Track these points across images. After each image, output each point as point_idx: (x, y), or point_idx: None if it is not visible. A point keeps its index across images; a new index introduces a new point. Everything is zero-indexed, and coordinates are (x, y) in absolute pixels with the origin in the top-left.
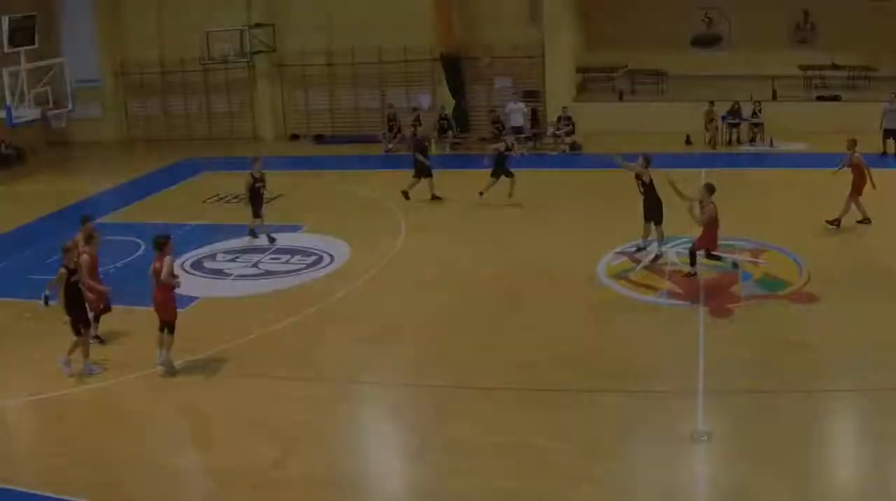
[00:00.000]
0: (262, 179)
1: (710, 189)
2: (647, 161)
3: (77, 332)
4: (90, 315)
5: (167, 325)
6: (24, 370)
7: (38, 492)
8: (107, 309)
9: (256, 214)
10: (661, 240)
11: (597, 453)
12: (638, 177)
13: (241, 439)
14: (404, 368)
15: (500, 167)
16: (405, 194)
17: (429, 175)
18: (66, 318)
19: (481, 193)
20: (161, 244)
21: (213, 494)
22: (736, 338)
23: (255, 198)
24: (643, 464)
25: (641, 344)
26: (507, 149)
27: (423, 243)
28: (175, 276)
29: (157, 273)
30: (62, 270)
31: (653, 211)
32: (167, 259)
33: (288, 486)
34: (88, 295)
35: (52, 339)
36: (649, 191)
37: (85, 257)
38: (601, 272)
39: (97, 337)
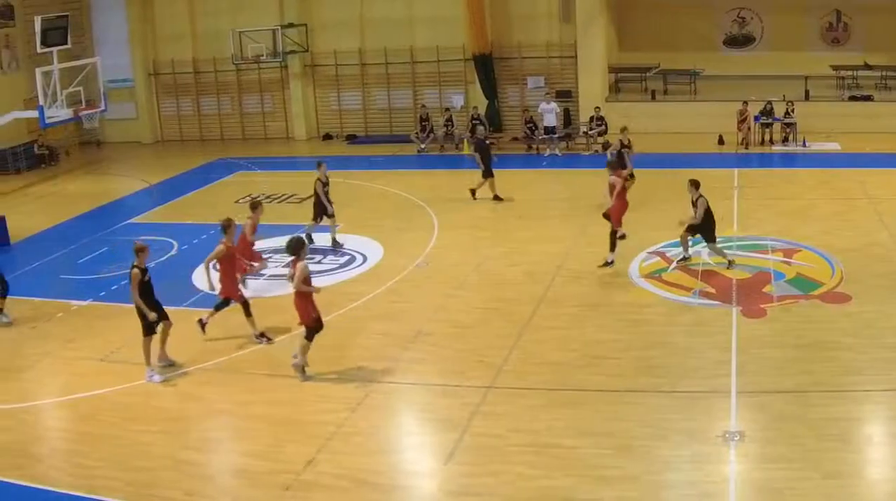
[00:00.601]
0: (328, 183)
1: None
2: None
3: (150, 332)
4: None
5: (306, 329)
6: (57, 369)
7: (72, 492)
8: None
9: (328, 214)
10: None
11: (629, 452)
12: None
13: (273, 439)
14: (436, 368)
15: None
16: (472, 192)
17: (489, 175)
18: (153, 315)
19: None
20: (296, 249)
21: (246, 494)
22: (769, 339)
23: (320, 201)
24: (675, 464)
25: (674, 344)
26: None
27: (455, 243)
28: (309, 284)
29: (292, 278)
30: (135, 270)
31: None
32: (300, 264)
33: (320, 486)
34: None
35: (85, 339)
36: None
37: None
38: (634, 272)
39: (263, 334)
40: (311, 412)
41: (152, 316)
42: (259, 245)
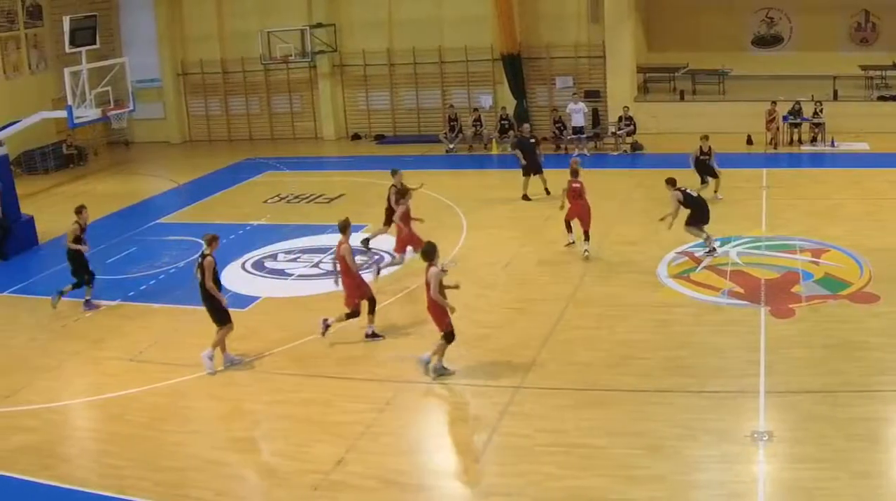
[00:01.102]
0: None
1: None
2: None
3: (224, 321)
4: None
5: (444, 335)
6: (85, 369)
7: (101, 492)
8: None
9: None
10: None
11: (658, 452)
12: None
13: (302, 439)
14: (465, 368)
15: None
16: (525, 197)
17: (528, 173)
18: (225, 299)
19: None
20: (429, 254)
21: (275, 494)
22: (797, 339)
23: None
24: (704, 464)
25: (702, 344)
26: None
27: (483, 242)
28: (443, 292)
29: (429, 285)
30: (210, 259)
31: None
32: (432, 271)
33: (349, 486)
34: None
35: (113, 339)
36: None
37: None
38: (662, 272)
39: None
40: (339, 412)
41: (225, 300)
42: (287, 245)
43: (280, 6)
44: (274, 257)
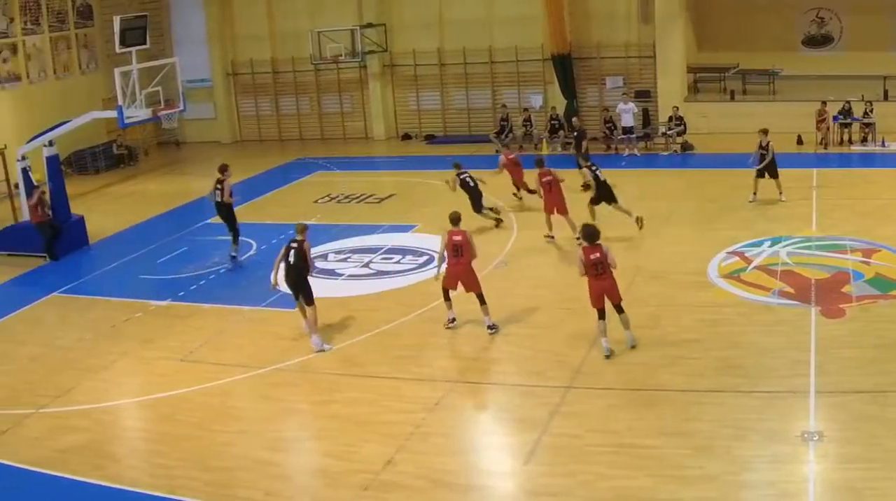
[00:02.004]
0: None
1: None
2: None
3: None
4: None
5: (618, 307)
6: (135, 369)
7: (151, 492)
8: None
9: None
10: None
11: (708, 452)
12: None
13: (351, 439)
14: (515, 368)
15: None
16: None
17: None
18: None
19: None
20: (594, 236)
21: (324, 494)
22: (847, 339)
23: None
24: (755, 464)
25: (753, 344)
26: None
27: (534, 243)
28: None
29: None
30: (308, 243)
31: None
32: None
33: (399, 486)
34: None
35: (163, 339)
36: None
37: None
38: (713, 272)
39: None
40: (388, 412)
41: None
42: (336, 245)
43: (330, 6)
44: (324, 257)
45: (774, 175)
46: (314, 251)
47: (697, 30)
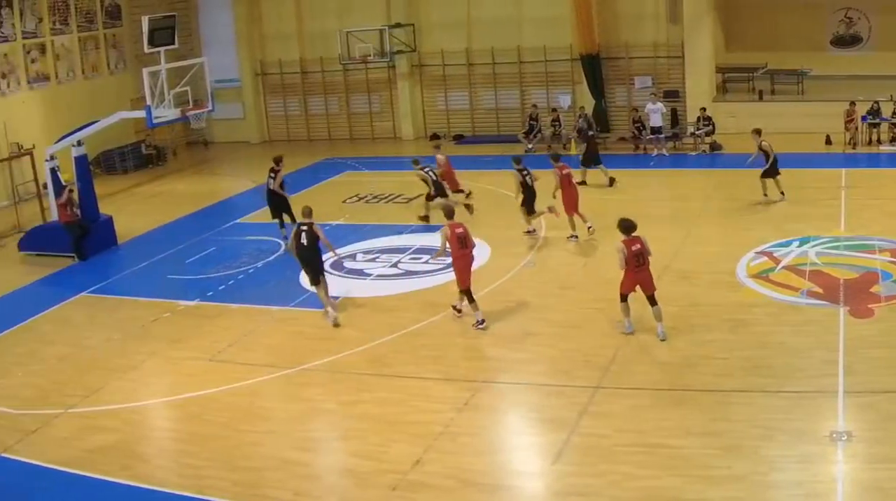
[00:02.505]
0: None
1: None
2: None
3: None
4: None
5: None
6: (163, 369)
7: (179, 492)
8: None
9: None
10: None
11: (736, 452)
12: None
13: (380, 439)
14: (543, 368)
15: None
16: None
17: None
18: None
19: None
20: (632, 228)
21: (353, 494)
22: (876, 339)
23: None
24: (783, 464)
25: (781, 344)
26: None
27: (562, 243)
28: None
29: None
30: (316, 225)
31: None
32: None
33: (427, 486)
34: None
35: (192, 339)
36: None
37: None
38: (741, 272)
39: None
40: (417, 412)
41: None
42: (365, 245)
43: (359, 6)
44: (353, 257)
45: (772, 174)
46: (344, 250)
47: (726, 30)
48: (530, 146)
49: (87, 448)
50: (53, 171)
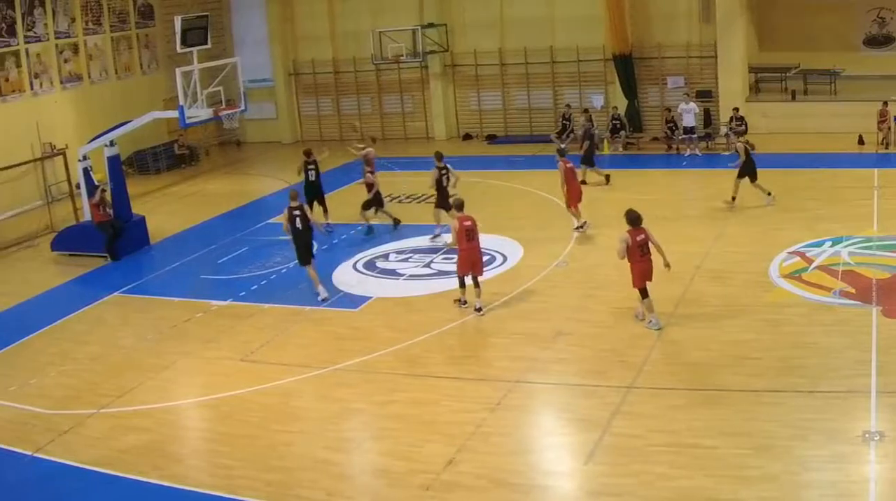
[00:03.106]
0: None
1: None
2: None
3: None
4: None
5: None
6: (196, 369)
7: (210, 492)
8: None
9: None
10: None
11: (769, 452)
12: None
13: (412, 439)
14: (575, 368)
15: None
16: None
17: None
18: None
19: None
20: (638, 220)
21: (385, 494)
22: None
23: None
24: (815, 464)
25: (814, 344)
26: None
27: (594, 243)
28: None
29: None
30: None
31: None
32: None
33: (460, 486)
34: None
35: (224, 339)
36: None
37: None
38: (773, 272)
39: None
40: (449, 412)
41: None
42: (398, 245)
43: (391, 6)
44: (385, 257)
45: (745, 176)
46: (377, 250)
47: (759, 29)
48: (563, 146)
49: (120, 448)
50: (86, 171)
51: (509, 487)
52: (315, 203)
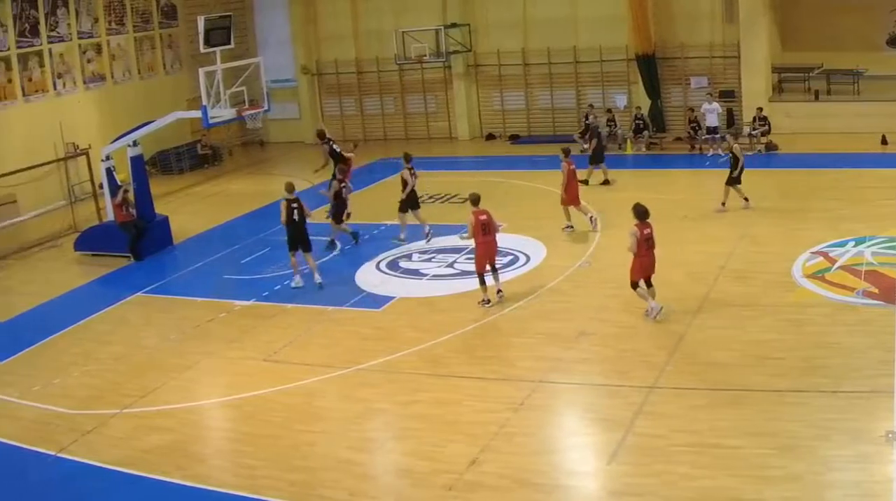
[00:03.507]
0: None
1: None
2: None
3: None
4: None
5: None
6: (219, 369)
7: (234, 492)
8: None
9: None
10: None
11: (792, 452)
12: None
13: (435, 439)
14: (598, 368)
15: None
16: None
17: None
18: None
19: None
20: (645, 213)
21: (409, 494)
22: None
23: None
24: (839, 464)
25: (837, 344)
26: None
27: (617, 243)
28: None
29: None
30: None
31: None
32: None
33: (483, 486)
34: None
35: (247, 339)
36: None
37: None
38: (797, 272)
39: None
40: (472, 412)
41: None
42: (421, 245)
43: (414, 6)
44: (409, 257)
45: (736, 182)
46: (399, 250)
47: (782, 29)
48: (586, 146)
49: (143, 448)
50: (109, 171)
51: (532, 487)
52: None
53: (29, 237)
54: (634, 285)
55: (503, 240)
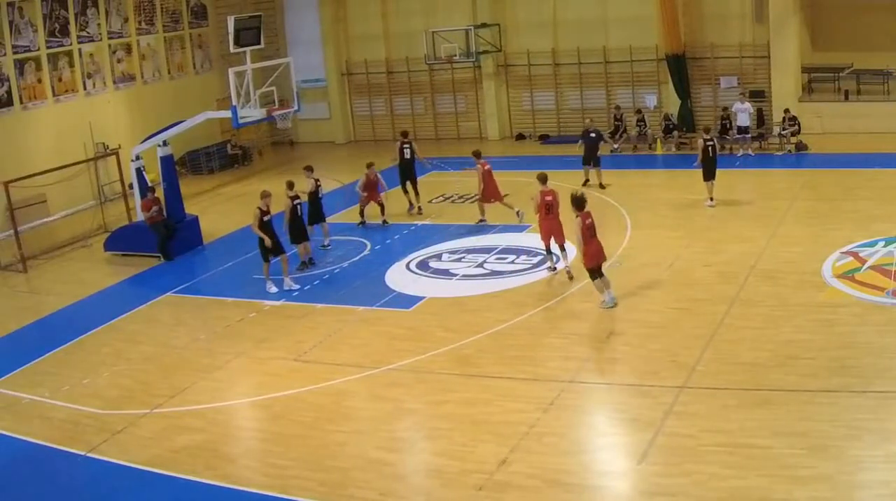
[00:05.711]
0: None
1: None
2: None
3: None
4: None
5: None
6: (249, 369)
7: (264, 492)
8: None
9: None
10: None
11: (822, 452)
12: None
13: (466, 439)
14: (628, 368)
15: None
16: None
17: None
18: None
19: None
20: (583, 203)
21: (439, 494)
22: None
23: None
24: (869, 464)
25: (867, 344)
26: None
27: (647, 243)
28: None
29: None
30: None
31: None
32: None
33: (513, 486)
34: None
35: (277, 339)
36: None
37: None
38: (827, 272)
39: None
40: (502, 412)
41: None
42: (451, 245)
43: (444, 6)
44: (438, 257)
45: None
46: (430, 250)
47: (811, 29)
48: (615, 146)
49: (173, 448)
50: (139, 171)
51: (562, 487)
52: (408, 183)
53: (60, 237)
54: (591, 273)
55: (535, 240)
